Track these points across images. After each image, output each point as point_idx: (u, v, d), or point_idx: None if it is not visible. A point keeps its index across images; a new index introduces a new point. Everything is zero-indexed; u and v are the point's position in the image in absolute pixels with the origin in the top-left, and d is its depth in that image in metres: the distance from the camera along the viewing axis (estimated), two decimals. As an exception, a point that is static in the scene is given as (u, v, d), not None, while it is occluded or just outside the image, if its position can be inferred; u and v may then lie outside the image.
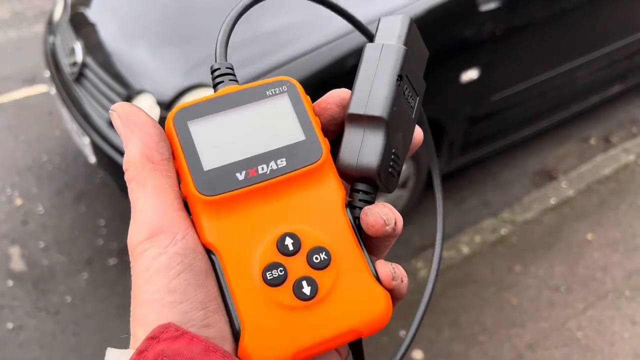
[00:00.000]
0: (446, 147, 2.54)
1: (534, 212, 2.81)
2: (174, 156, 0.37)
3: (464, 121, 2.54)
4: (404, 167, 2.39)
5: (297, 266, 0.36)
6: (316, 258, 0.36)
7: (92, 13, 2.44)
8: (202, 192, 0.36)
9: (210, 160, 0.37)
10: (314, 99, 0.42)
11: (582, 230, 2.72)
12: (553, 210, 2.83)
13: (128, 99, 2.05)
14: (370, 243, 0.40)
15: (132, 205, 0.36)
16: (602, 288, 2.43)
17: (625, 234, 2.69)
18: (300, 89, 0.40)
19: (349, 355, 0.42)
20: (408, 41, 0.42)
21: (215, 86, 0.41)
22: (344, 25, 2.02)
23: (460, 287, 2.42)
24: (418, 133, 0.45)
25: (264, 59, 1.94)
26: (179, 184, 0.37)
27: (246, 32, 2.05)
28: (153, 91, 2.01)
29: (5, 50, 4.10)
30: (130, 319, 0.35)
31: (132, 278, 0.35)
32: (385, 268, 0.37)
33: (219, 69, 0.42)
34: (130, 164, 0.36)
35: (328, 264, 0.36)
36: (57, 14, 2.68)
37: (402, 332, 2.21)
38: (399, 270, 0.38)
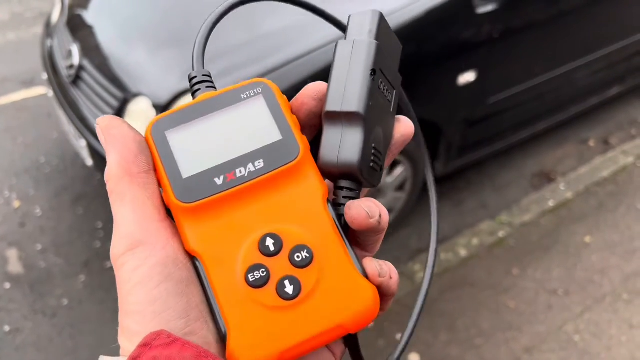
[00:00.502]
0: (444, 150, 2.54)
1: (532, 215, 2.81)
2: (154, 167, 0.38)
3: (462, 123, 2.53)
4: (401, 170, 2.39)
5: (279, 266, 0.36)
6: (298, 257, 0.36)
7: (89, 16, 2.44)
8: (181, 199, 0.36)
9: (189, 168, 0.37)
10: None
11: (580, 232, 2.71)
12: (551, 213, 2.82)
13: (124, 101, 2.05)
14: (358, 239, 0.40)
15: (113, 217, 0.37)
16: (600, 291, 2.42)
17: (623, 236, 2.68)
18: (275, 89, 0.40)
19: (344, 353, 0.42)
20: (379, 35, 0.42)
21: (193, 94, 0.42)
22: (337, 30, 2.02)
23: (457, 290, 2.41)
24: (408, 126, 0.45)
25: (259, 62, 1.94)
26: (162, 194, 0.38)
27: (242, 35, 2.05)
28: (149, 94, 2.01)
29: (4, 52, 4.10)
30: (118, 329, 0.35)
31: (117, 289, 0.35)
32: (372, 264, 0.37)
33: (195, 77, 0.42)
34: (110, 177, 0.37)
35: (310, 262, 0.36)
36: (55, 16, 2.68)
37: (399, 335, 2.21)
38: (387, 267, 0.38)
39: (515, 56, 2.50)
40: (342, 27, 0.45)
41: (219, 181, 0.36)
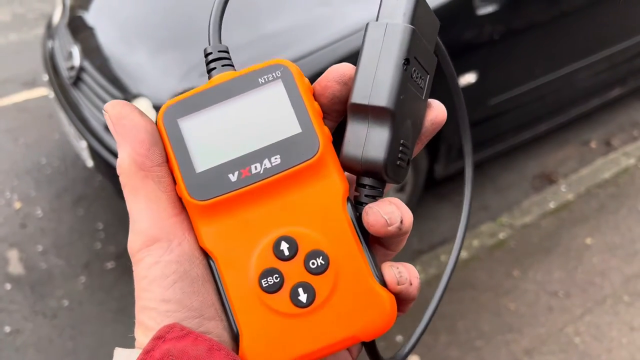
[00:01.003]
0: (444, 151, 2.53)
1: (533, 216, 2.80)
2: (167, 157, 0.36)
3: (462, 125, 2.53)
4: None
5: (293, 271, 0.35)
6: (313, 263, 0.35)
7: (90, 17, 2.44)
8: (194, 197, 0.35)
9: (202, 161, 0.35)
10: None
11: (581, 234, 2.71)
12: (552, 215, 2.82)
13: (125, 103, 2.05)
14: (379, 239, 0.39)
15: (128, 211, 0.36)
16: (601, 293, 2.42)
17: (624, 238, 2.67)
18: (296, 72, 0.37)
19: (361, 351, 0.42)
20: (415, 17, 0.38)
21: (208, 72, 0.39)
22: (344, 27, 2.03)
23: (458, 292, 2.41)
24: (440, 112, 0.42)
25: (263, 62, 1.94)
26: (175, 185, 0.37)
27: (247, 34, 2.05)
28: (150, 95, 2.01)
29: (5, 53, 4.11)
30: (135, 321, 0.36)
31: (135, 283, 0.36)
32: (390, 272, 0.36)
33: (211, 53, 0.39)
34: (122, 170, 0.36)
35: (326, 269, 0.35)
36: (56, 17, 2.69)
37: (399, 337, 2.21)
38: (406, 273, 0.37)
39: (516, 57, 2.50)
40: None
41: (233, 178, 0.35)
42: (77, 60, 2.29)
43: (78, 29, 2.44)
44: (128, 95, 2.05)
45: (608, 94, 3.29)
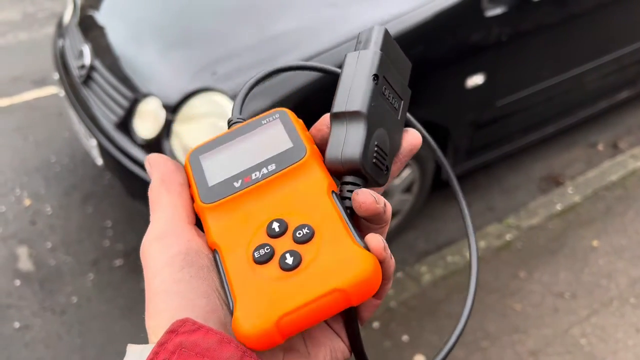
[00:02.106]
0: (451, 152, 2.54)
1: (540, 218, 2.81)
2: (189, 185, 0.44)
3: (470, 126, 2.54)
4: (408, 172, 2.40)
5: (283, 244, 0.38)
6: (299, 233, 0.38)
7: (100, 16, 2.47)
8: (205, 201, 0.41)
9: (214, 178, 0.43)
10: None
11: (587, 236, 2.71)
12: (559, 216, 2.82)
13: (135, 101, 2.07)
14: (362, 229, 0.42)
15: (150, 222, 0.42)
16: (607, 295, 2.42)
17: (631, 241, 2.67)
18: (291, 114, 0.45)
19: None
20: (383, 47, 0.45)
21: None
22: (350, 29, 2.04)
23: (464, 292, 2.40)
24: (415, 137, 0.47)
25: (269, 64, 1.95)
26: (193, 205, 0.43)
27: (252, 36, 2.07)
28: (160, 94, 2.03)
29: (16, 52, 4.14)
30: (145, 316, 0.38)
31: (144, 276, 0.39)
32: (376, 237, 0.38)
33: (232, 120, 0.48)
34: (151, 190, 0.43)
35: (311, 237, 0.38)
36: (67, 16, 2.71)
37: (405, 337, 2.22)
38: (387, 246, 0.39)
39: (524, 59, 2.50)
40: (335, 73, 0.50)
41: (237, 184, 0.42)
42: (87, 59, 2.31)
43: (89, 28, 2.46)
44: (138, 94, 2.07)
45: (616, 96, 3.29)
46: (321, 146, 0.45)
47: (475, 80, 2.32)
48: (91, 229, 2.71)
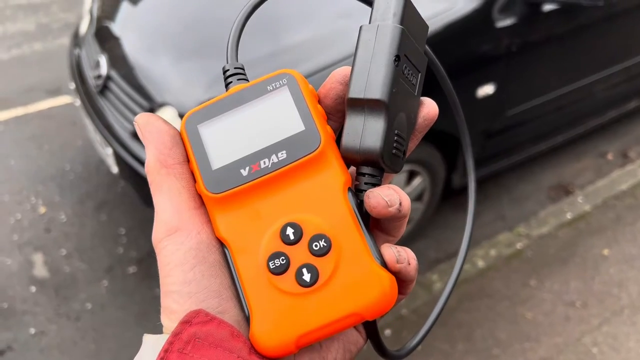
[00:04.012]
0: (461, 161, 2.56)
1: (550, 227, 2.82)
2: (188, 159, 0.41)
3: (480, 135, 2.56)
4: (419, 180, 2.42)
5: (298, 254, 0.37)
6: (316, 246, 0.37)
7: (116, 27, 2.51)
8: (210, 190, 0.39)
9: (218, 159, 0.40)
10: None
11: (598, 245, 2.71)
12: (569, 225, 2.83)
13: (150, 111, 2.10)
14: (381, 224, 0.41)
15: (154, 206, 0.40)
16: (618, 304, 2.42)
17: (641, 249, 2.68)
18: (300, 79, 0.41)
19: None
20: (404, 18, 0.41)
21: (226, 86, 0.44)
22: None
23: (475, 301, 2.43)
24: (431, 109, 0.45)
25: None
26: (195, 183, 0.41)
27: (268, 46, 2.10)
28: (175, 103, 2.06)
29: (30, 62, 4.20)
30: (161, 309, 0.39)
31: (159, 272, 0.39)
32: (389, 251, 0.38)
33: (228, 70, 0.44)
34: (148, 169, 0.40)
35: (328, 251, 0.37)
36: (83, 27, 2.76)
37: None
38: (405, 253, 0.39)
39: (534, 69, 2.52)
40: (369, 2, 0.44)
41: (244, 172, 0.39)
42: (104, 69, 2.35)
43: (105, 38, 2.50)
44: (154, 104, 2.11)
45: (625, 106, 3.30)
46: (335, 106, 0.43)
47: (486, 90, 2.34)
48: (105, 237, 2.74)
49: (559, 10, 2.39)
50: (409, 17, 0.42)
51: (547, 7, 2.33)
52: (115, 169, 2.35)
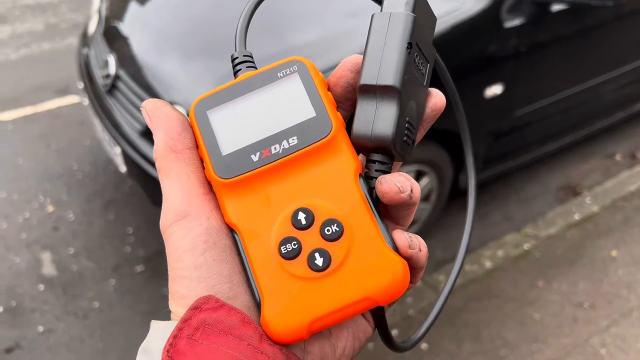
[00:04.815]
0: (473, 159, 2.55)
1: (558, 228, 2.80)
2: (197, 144, 0.40)
3: (488, 136, 2.55)
4: (427, 180, 2.42)
5: (310, 239, 0.37)
6: (328, 230, 0.37)
7: (125, 27, 2.52)
8: (220, 175, 0.38)
9: (228, 145, 0.39)
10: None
11: (606, 246, 2.70)
12: (577, 226, 2.82)
13: (159, 110, 2.10)
14: (390, 212, 0.41)
15: (162, 191, 0.40)
16: (627, 305, 2.41)
17: (650, 251, 2.67)
18: (310, 66, 0.41)
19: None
20: (416, 8, 0.41)
21: (235, 74, 0.43)
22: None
23: (482, 301, 2.42)
24: (439, 99, 0.44)
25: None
26: (204, 169, 0.40)
27: (276, 46, 2.11)
28: (183, 103, 2.07)
29: (39, 61, 4.23)
30: (169, 295, 0.38)
31: (167, 257, 0.38)
32: (402, 236, 0.38)
33: (237, 57, 0.44)
34: (157, 154, 0.40)
35: (340, 235, 0.37)
36: (92, 27, 2.77)
37: (424, 345, 2.22)
38: (416, 239, 0.39)
39: (542, 70, 2.52)
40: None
41: (255, 158, 0.38)
42: (112, 68, 2.36)
43: (113, 38, 2.51)
44: (162, 103, 2.11)
45: (633, 107, 3.28)
46: (344, 94, 0.42)
47: (494, 90, 2.34)
48: (112, 235, 2.75)
49: (568, 10, 2.38)
50: (420, 7, 0.42)
51: (556, 7, 2.33)
52: (123, 168, 2.36)
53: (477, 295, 2.45)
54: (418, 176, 2.43)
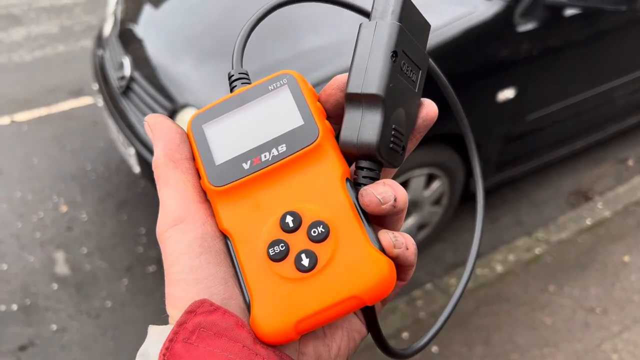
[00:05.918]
0: (480, 166, 2.55)
1: (569, 232, 2.80)
2: (194, 157, 0.42)
3: (499, 140, 2.55)
4: (438, 184, 2.42)
5: (298, 241, 0.38)
6: (314, 232, 0.38)
7: (139, 29, 2.54)
8: (213, 183, 0.40)
9: (221, 155, 0.41)
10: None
11: (618, 251, 2.69)
12: (588, 231, 2.81)
13: (173, 112, 2.13)
14: (377, 219, 0.42)
15: (159, 199, 0.41)
16: (639, 311, 2.40)
17: (662, 257, 2.65)
18: (299, 79, 0.42)
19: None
20: (403, 16, 0.42)
21: (231, 90, 0.45)
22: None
23: (493, 305, 2.42)
24: (431, 110, 0.45)
25: (305, 77, 2.00)
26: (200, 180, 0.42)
27: (288, 51, 2.12)
28: (197, 105, 2.09)
29: (53, 63, 4.27)
30: (165, 299, 0.39)
31: (163, 262, 0.40)
32: (387, 236, 0.38)
33: (233, 75, 0.46)
34: (156, 164, 0.41)
35: (326, 237, 0.38)
36: (107, 29, 2.80)
37: (435, 348, 2.23)
38: (402, 238, 0.39)
39: (554, 74, 2.52)
40: (368, 14, 0.45)
41: (246, 166, 0.40)
42: (127, 70, 2.38)
43: (128, 40, 2.54)
44: (175, 105, 2.13)
45: (646, 112, 3.27)
46: (334, 111, 0.43)
47: (506, 94, 2.34)
48: (125, 236, 2.78)
49: (581, 15, 2.38)
50: (408, 15, 0.43)
51: (569, 11, 2.33)
52: (137, 169, 2.38)
53: (488, 299, 2.45)
54: (430, 179, 2.43)
